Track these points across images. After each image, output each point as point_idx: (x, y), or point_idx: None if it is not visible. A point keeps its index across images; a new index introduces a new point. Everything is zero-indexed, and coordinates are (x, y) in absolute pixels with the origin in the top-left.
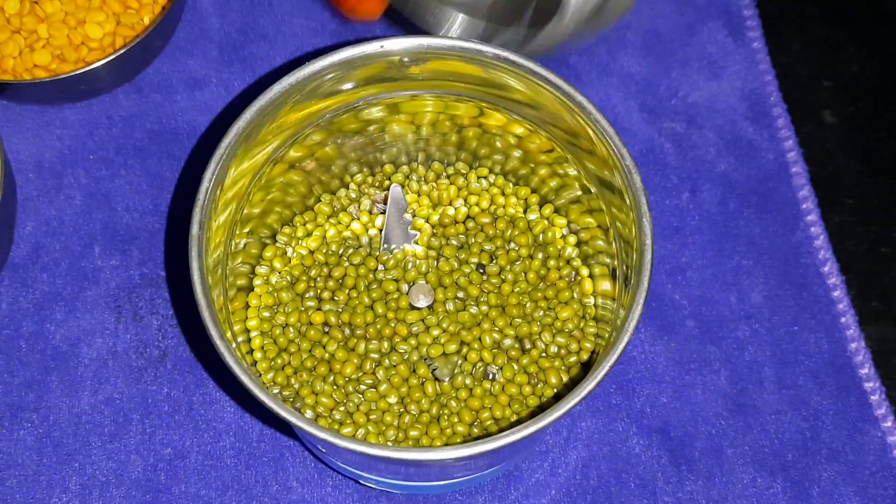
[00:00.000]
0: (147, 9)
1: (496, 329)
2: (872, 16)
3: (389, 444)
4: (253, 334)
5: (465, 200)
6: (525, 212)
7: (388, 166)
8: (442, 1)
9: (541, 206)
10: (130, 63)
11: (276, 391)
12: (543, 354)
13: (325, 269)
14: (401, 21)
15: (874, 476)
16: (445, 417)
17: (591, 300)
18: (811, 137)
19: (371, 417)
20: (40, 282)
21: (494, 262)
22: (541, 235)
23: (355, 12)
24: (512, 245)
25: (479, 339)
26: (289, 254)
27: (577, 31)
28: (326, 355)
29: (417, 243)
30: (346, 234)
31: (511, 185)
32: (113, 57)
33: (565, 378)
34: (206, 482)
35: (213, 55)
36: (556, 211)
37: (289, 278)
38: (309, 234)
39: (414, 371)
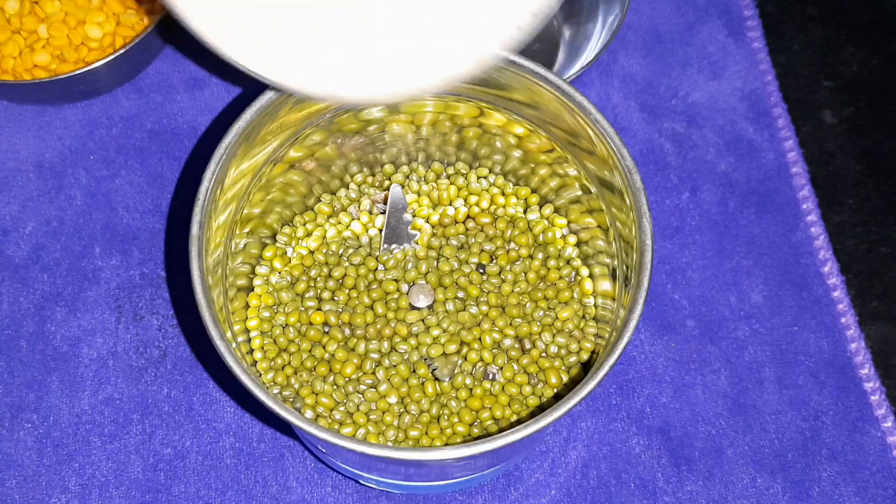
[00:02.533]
0: (147, 9)
1: (496, 329)
2: (872, 16)
3: (389, 444)
4: (253, 334)
5: (465, 200)
6: (525, 212)
7: (388, 166)
8: None
9: (541, 206)
10: (130, 63)
11: (276, 391)
12: (543, 354)
13: (325, 269)
14: None
15: (874, 476)
16: (445, 417)
17: (591, 300)
18: (811, 137)
19: (371, 417)
20: (40, 282)
21: (494, 262)
22: (541, 235)
23: None
24: (512, 245)
25: (479, 339)
26: (289, 254)
27: None
28: (326, 355)
29: (417, 243)
30: (346, 234)
31: (511, 185)
32: (113, 57)
33: (565, 378)
34: (206, 482)
35: (213, 55)
36: (556, 211)
37: (289, 278)
38: (309, 234)
39: (414, 371)
